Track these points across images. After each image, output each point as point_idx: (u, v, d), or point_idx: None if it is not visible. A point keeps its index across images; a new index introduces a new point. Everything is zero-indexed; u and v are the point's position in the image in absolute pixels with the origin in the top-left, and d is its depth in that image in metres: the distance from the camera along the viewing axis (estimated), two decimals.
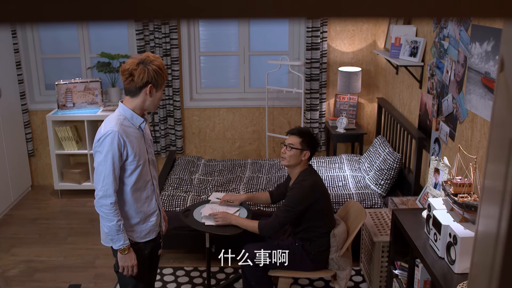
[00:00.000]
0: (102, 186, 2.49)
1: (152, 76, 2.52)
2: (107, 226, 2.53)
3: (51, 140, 5.24)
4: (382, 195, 4.29)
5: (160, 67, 2.55)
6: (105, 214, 2.52)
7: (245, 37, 5.60)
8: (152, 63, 2.52)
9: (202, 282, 3.90)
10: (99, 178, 2.51)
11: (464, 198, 2.64)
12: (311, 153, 3.28)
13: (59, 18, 0.51)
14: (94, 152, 2.55)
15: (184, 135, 5.77)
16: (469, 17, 0.59)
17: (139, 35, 5.28)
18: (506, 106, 1.07)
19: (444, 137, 3.55)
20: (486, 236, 1.33)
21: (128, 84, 2.55)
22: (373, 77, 5.58)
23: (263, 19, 0.53)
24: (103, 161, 2.49)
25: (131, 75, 2.52)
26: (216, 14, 0.52)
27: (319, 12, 0.53)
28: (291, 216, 3.18)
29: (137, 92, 2.56)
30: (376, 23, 5.39)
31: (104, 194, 2.50)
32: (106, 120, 2.59)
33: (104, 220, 2.54)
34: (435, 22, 3.72)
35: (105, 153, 2.48)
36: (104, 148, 2.48)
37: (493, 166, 1.29)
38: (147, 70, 2.51)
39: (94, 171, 2.54)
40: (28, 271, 4.08)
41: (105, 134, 2.49)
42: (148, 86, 2.54)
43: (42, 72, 5.66)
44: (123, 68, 2.54)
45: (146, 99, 2.58)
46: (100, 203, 2.51)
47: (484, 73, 2.88)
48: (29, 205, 5.34)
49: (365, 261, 3.86)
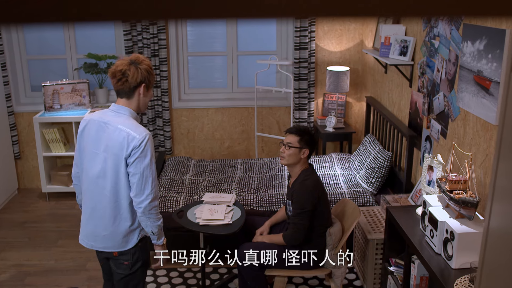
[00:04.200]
0: (152, 189, 2.53)
1: (145, 75, 2.55)
2: (156, 226, 2.62)
3: (38, 142, 5.17)
4: (373, 193, 4.33)
5: (150, 66, 2.60)
6: (155, 215, 2.59)
7: (233, 37, 5.60)
8: (142, 63, 2.55)
9: (196, 282, 3.89)
10: (147, 182, 2.52)
11: (460, 194, 2.68)
12: (310, 151, 3.30)
13: (45, 19, 0.51)
14: (135, 157, 2.50)
15: (173, 136, 5.75)
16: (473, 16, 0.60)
17: (127, 35, 5.25)
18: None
19: (435, 135, 3.60)
20: (500, 233, 1.36)
21: (122, 85, 2.54)
22: (361, 76, 5.63)
23: (251, 19, 0.54)
24: (149, 165, 2.52)
25: (124, 76, 2.51)
26: (204, 14, 0.52)
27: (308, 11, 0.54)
28: (305, 217, 3.18)
29: (132, 93, 2.56)
30: (363, 23, 5.43)
31: (155, 196, 2.56)
32: (127, 123, 2.55)
33: (152, 221, 2.59)
34: (425, 22, 3.77)
35: (149, 156, 2.52)
36: (147, 151, 2.51)
37: (506, 165, 1.32)
38: (140, 70, 2.53)
39: (138, 176, 2.51)
40: (19, 276, 4.03)
41: (144, 138, 2.50)
42: (142, 85, 2.56)
43: (28, 74, 5.59)
44: (115, 70, 2.53)
45: (140, 99, 2.60)
46: (152, 206, 2.55)
47: (476, 71, 2.92)
48: (17, 208, 5.27)
49: (358, 258, 3.89)
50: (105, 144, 2.54)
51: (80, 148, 2.66)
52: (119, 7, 0.51)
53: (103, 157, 2.55)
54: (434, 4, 0.55)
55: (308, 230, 3.23)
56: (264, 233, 3.51)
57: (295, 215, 3.22)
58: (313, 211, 3.20)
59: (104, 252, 2.71)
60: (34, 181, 5.75)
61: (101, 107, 5.38)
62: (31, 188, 5.74)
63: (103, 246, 2.67)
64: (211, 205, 3.65)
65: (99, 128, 2.58)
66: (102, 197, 2.59)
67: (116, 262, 2.70)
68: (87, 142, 2.61)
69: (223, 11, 0.52)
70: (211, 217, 3.49)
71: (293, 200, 3.26)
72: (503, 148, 1.26)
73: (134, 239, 2.66)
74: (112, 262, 2.72)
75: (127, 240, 2.64)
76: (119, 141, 2.50)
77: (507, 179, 1.24)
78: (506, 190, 1.26)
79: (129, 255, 2.67)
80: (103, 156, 2.55)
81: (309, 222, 3.22)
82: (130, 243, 2.65)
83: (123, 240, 2.63)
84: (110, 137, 2.53)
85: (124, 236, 2.63)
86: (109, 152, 2.53)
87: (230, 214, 3.57)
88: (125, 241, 2.64)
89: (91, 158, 2.60)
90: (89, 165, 2.61)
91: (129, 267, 2.69)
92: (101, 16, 0.51)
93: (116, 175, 2.54)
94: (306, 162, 3.33)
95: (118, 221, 2.61)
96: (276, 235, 3.37)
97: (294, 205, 3.24)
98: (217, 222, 3.45)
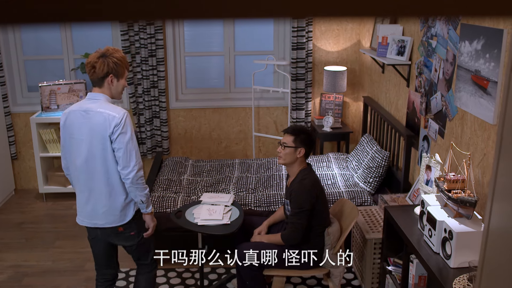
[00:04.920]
0: (136, 160, 2.80)
1: (111, 67, 2.81)
2: (144, 195, 2.88)
3: (35, 142, 5.16)
4: (371, 192, 4.34)
5: (119, 58, 2.85)
6: (142, 184, 2.85)
7: (230, 37, 5.60)
8: (111, 55, 2.82)
9: (195, 283, 3.89)
10: (131, 154, 2.78)
11: (458, 194, 2.68)
12: (306, 150, 3.30)
13: (42, 20, 0.51)
14: (117, 134, 2.75)
15: (170, 136, 5.74)
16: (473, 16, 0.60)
17: (124, 35, 5.24)
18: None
19: (433, 134, 3.60)
20: (500, 232, 1.36)
21: (92, 76, 2.84)
22: (358, 76, 5.64)
23: (248, 19, 0.54)
24: (130, 139, 2.78)
25: (93, 68, 2.81)
26: (201, 14, 0.52)
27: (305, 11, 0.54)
28: (303, 216, 3.19)
29: (101, 82, 2.84)
30: (360, 23, 5.44)
31: (140, 167, 2.83)
32: (104, 106, 2.79)
33: (140, 190, 2.85)
34: (423, 22, 3.78)
35: (130, 132, 2.79)
36: (127, 127, 2.77)
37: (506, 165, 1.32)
38: (106, 62, 2.80)
39: (122, 150, 2.76)
40: (16, 276, 4.02)
41: (123, 116, 2.76)
42: (109, 76, 2.82)
43: (25, 74, 5.57)
44: (86, 62, 2.85)
45: (111, 88, 2.87)
46: (138, 176, 2.81)
47: (474, 71, 2.93)
48: (13, 209, 5.26)
49: (357, 258, 3.89)
50: (88, 128, 2.77)
51: (65, 140, 2.88)
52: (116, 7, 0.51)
53: (89, 141, 2.78)
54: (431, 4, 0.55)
55: (306, 229, 3.23)
56: (262, 233, 3.51)
57: (293, 214, 3.23)
58: (311, 210, 3.21)
59: (107, 232, 2.93)
60: (31, 181, 5.74)
61: None
62: (28, 189, 5.73)
63: (105, 222, 2.91)
64: (209, 205, 3.65)
65: (80, 116, 2.80)
66: (95, 177, 2.83)
67: (123, 236, 2.98)
68: (72, 132, 2.83)
69: (220, 11, 0.52)
70: (210, 217, 3.49)
71: (291, 200, 3.26)
72: (503, 147, 1.26)
73: (131, 211, 2.93)
74: (119, 238, 2.99)
75: (125, 214, 2.91)
76: (100, 122, 2.75)
77: (507, 178, 1.24)
78: (507, 189, 1.26)
79: (133, 226, 2.96)
80: (88, 140, 2.78)
81: (307, 222, 3.22)
82: (128, 216, 2.92)
83: (121, 214, 2.90)
84: (92, 121, 2.77)
85: (121, 210, 2.89)
86: (93, 135, 2.77)
87: (228, 214, 3.57)
88: (123, 214, 2.91)
89: (78, 145, 2.82)
90: (77, 152, 2.83)
91: (136, 236, 3.00)
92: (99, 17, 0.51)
93: (104, 154, 2.79)
94: (304, 162, 3.33)
95: (114, 196, 2.86)
96: (274, 235, 3.37)
97: (292, 204, 3.25)
98: (216, 222, 3.45)
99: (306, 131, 3.37)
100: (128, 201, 2.90)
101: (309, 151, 3.34)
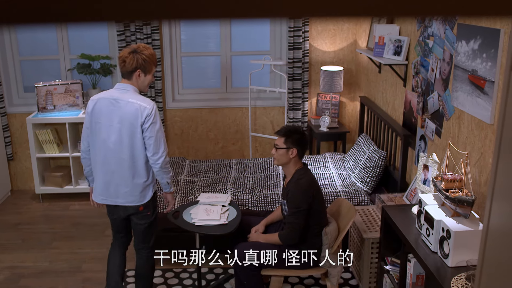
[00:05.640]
0: (165, 148, 3.11)
1: (140, 63, 3.06)
2: (170, 177, 3.25)
3: (31, 143, 5.14)
4: (368, 192, 4.35)
5: (148, 55, 3.08)
6: (168, 168, 3.19)
7: (226, 37, 5.60)
8: (141, 52, 3.07)
9: (192, 283, 3.89)
10: (160, 142, 3.08)
11: (456, 193, 2.69)
12: (298, 150, 3.29)
13: (38, 20, 0.51)
14: (149, 123, 3.02)
15: (167, 136, 5.73)
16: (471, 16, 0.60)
17: (120, 36, 5.23)
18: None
19: (430, 134, 3.61)
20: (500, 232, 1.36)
21: (122, 69, 3.11)
22: (354, 76, 5.65)
23: (245, 19, 0.53)
24: (160, 128, 3.08)
25: (124, 62, 3.06)
26: (198, 14, 0.52)
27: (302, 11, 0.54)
28: (301, 216, 3.19)
29: (130, 75, 3.10)
30: (357, 23, 5.45)
31: (167, 152, 3.14)
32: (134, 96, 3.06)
33: (167, 173, 3.19)
34: (419, 21, 3.79)
35: (159, 122, 3.09)
36: (157, 118, 3.06)
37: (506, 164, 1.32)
38: (136, 58, 3.05)
39: (154, 138, 3.05)
40: (13, 278, 4.00)
41: (152, 107, 3.05)
42: (137, 71, 3.07)
43: (20, 74, 5.56)
44: (119, 56, 3.13)
45: (138, 82, 3.12)
46: (166, 161, 3.13)
47: (471, 70, 2.94)
48: (10, 210, 5.24)
49: (354, 258, 3.90)
50: (119, 117, 3.02)
51: (91, 124, 3.12)
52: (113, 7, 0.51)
53: (118, 128, 3.03)
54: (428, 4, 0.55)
55: (304, 229, 3.23)
56: (259, 231, 3.51)
57: (290, 214, 3.23)
58: (308, 210, 3.21)
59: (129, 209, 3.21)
60: (27, 182, 5.72)
61: None
62: (24, 190, 5.71)
63: (125, 201, 3.19)
64: (207, 205, 3.65)
65: (109, 104, 3.04)
66: (120, 161, 3.09)
67: (141, 215, 3.25)
68: (99, 117, 3.07)
69: (216, 11, 0.52)
70: (207, 217, 3.48)
71: (288, 200, 3.26)
72: (503, 147, 1.27)
73: (150, 193, 3.22)
74: (136, 217, 3.26)
75: (144, 195, 3.19)
76: (132, 112, 3.01)
77: (507, 178, 1.25)
78: (506, 189, 1.27)
79: (150, 207, 3.26)
80: (118, 127, 3.03)
81: (305, 222, 3.22)
82: (147, 197, 3.21)
83: (140, 195, 3.18)
84: (123, 110, 3.02)
85: (141, 191, 3.18)
86: (123, 122, 3.02)
87: (226, 214, 3.56)
88: (142, 195, 3.19)
89: (107, 131, 3.06)
90: (106, 136, 3.07)
91: (150, 216, 3.29)
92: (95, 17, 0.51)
93: (131, 141, 3.05)
94: (299, 162, 3.33)
95: (136, 178, 3.14)
96: (272, 235, 3.37)
97: (289, 204, 3.25)
98: (213, 222, 3.45)
99: (298, 131, 3.36)
100: (148, 183, 3.19)
101: (302, 150, 3.33)
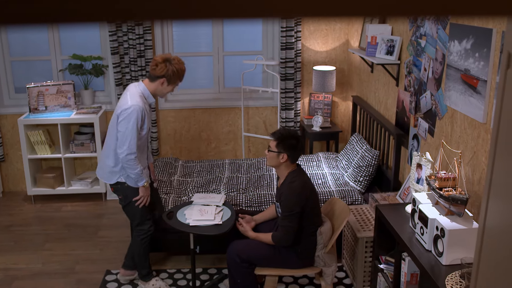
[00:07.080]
0: (128, 146, 3.31)
1: (168, 73, 3.35)
2: (134, 173, 3.41)
3: (23, 144, 5.11)
4: (361, 191, 4.36)
5: (178, 70, 3.37)
6: (130, 166, 3.36)
7: (219, 38, 5.60)
8: (172, 64, 3.35)
9: (186, 284, 3.88)
10: (126, 141, 3.30)
11: (449, 192, 2.71)
12: (289, 155, 3.24)
13: (30, 20, 0.50)
14: (120, 116, 3.29)
15: (160, 137, 5.72)
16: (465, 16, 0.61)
17: (112, 36, 5.21)
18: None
19: (423, 133, 3.63)
20: (496, 230, 1.38)
21: (151, 71, 3.39)
22: (346, 76, 5.66)
23: (237, 19, 0.53)
24: (130, 127, 3.28)
25: (155, 65, 3.35)
26: (190, 15, 0.52)
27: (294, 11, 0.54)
28: (294, 219, 3.19)
29: (154, 80, 3.39)
30: (349, 23, 5.47)
31: (130, 151, 3.32)
32: (131, 93, 3.34)
33: (129, 169, 3.39)
34: (411, 21, 3.81)
35: (132, 121, 3.27)
36: (132, 117, 3.26)
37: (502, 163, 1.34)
38: (166, 67, 3.33)
39: (121, 133, 3.30)
40: (6, 280, 3.98)
41: (133, 106, 3.26)
42: (162, 79, 3.37)
43: (12, 75, 5.52)
44: (154, 58, 3.41)
45: (157, 87, 3.41)
46: (127, 159, 3.34)
47: (463, 70, 2.96)
48: (1, 211, 5.20)
49: (348, 257, 3.91)
50: (118, 104, 3.42)
51: None
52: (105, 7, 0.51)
53: (115, 113, 3.38)
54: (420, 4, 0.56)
55: (298, 230, 3.24)
56: (251, 224, 3.54)
57: (283, 217, 3.23)
58: (301, 212, 3.21)
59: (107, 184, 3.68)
60: (19, 184, 5.68)
61: (87, 109, 5.34)
62: (16, 191, 5.67)
63: (100, 176, 3.63)
64: (201, 206, 3.65)
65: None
66: (107, 140, 3.47)
67: (117, 197, 3.61)
68: None
69: (208, 12, 0.52)
70: (201, 217, 3.48)
71: (281, 203, 3.26)
72: (499, 146, 1.28)
73: (114, 179, 3.49)
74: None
75: (110, 177, 3.51)
76: (119, 104, 3.35)
77: (503, 176, 1.26)
78: (502, 187, 1.28)
79: (120, 191, 3.54)
80: (115, 112, 3.39)
81: (298, 224, 3.22)
82: (112, 180, 3.50)
83: (108, 175, 3.51)
84: (120, 100, 3.40)
85: (109, 172, 3.49)
86: (116, 110, 3.36)
87: (220, 214, 3.57)
88: (109, 176, 3.51)
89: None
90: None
91: (122, 200, 3.56)
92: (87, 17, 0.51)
93: (113, 127, 3.38)
94: (292, 165, 3.31)
95: (107, 159, 3.47)
96: (265, 234, 3.37)
97: (282, 208, 3.25)
98: (207, 222, 3.45)
99: (292, 137, 3.28)
100: (115, 170, 3.47)
101: (294, 156, 3.28)
